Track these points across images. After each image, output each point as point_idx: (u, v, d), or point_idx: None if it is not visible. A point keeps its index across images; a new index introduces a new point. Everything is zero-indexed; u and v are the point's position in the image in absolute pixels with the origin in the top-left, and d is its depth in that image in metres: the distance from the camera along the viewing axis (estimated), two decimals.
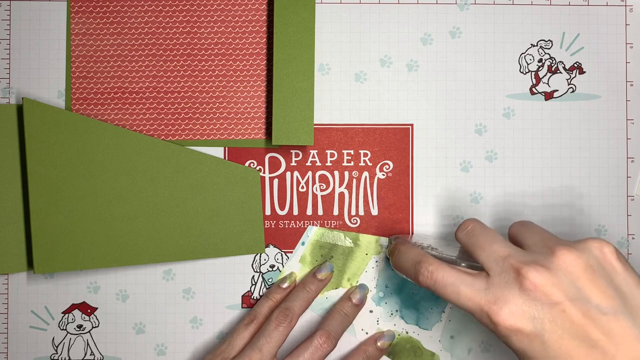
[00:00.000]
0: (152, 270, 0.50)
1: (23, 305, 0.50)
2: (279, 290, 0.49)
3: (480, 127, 0.51)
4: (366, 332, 0.50)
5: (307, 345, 0.45)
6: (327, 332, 0.46)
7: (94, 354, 0.50)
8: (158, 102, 0.50)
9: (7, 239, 0.49)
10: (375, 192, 0.51)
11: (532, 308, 0.36)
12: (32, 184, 0.48)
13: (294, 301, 0.47)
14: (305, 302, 0.48)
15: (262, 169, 0.51)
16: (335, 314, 0.48)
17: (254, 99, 0.51)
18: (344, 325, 0.48)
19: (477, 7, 0.51)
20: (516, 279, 0.37)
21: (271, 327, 0.45)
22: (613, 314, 0.35)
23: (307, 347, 0.45)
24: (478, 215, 0.50)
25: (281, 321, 0.46)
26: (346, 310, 0.48)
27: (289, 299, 0.48)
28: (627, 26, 0.51)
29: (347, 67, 0.51)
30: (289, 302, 0.47)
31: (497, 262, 0.38)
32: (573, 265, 0.36)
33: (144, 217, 0.49)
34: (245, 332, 0.47)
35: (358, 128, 0.51)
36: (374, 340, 0.49)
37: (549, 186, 0.51)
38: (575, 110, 0.51)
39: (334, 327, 0.47)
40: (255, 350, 0.45)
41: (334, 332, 0.46)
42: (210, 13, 0.51)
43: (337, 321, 0.47)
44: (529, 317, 0.36)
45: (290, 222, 0.51)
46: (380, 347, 0.49)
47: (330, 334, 0.46)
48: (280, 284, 0.49)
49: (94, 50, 0.50)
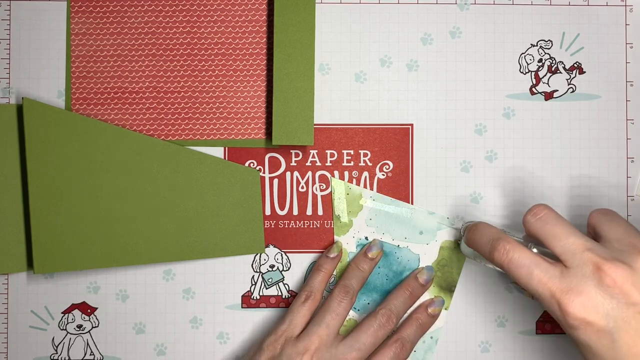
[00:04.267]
0: (152, 270, 0.50)
1: (23, 305, 0.50)
2: (328, 260, 0.49)
3: (480, 127, 0.51)
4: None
5: (371, 322, 0.45)
6: (390, 311, 0.46)
7: (94, 354, 0.50)
8: (158, 102, 0.50)
9: (7, 239, 0.49)
10: (375, 192, 0.51)
11: (607, 304, 0.35)
12: (32, 184, 0.48)
13: (351, 279, 0.47)
14: (361, 280, 0.48)
15: (262, 169, 0.51)
16: (399, 292, 0.48)
17: (254, 99, 0.51)
18: (407, 305, 0.48)
19: (477, 7, 0.51)
20: (595, 273, 0.36)
21: (334, 303, 0.46)
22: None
23: (371, 325, 0.45)
24: (478, 216, 0.50)
25: (343, 297, 0.46)
26: (412, 289, 0.48)
27: (345, 277, 0.48)
28: (627, 26, 0.51)
29: (347, 67, 0.51)
30: (347, 280, 0.47)
31: (574, 255, 0.37)
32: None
33: (143, 217, 0.49)
34: (303, 309, 0.46)
35: (358, 128, 0.51)
36: (425, 307, 0.49)
37: (549, 186, 0.51)
38: (575, 110, 0.51)
39: (397, 306, 0.47)
40: (323, 326, 0.45)
41: (395, 311, 0.46)
42: (210, 13, 0.51)
43: (400, 301, 0.47)
44: (603, 312, 0.35)
45: (290, 222, 0.51)
46: (431, 313, 0.48)
47: (392, 314, 0.46)
48: (328, 254, 0.49)
49: (94, 50, 0.50)
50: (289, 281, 0.51)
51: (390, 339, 0.46)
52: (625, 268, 0.36)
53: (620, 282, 0.35)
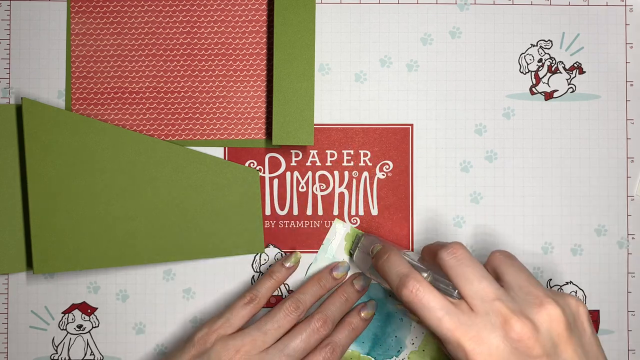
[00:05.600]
0: (152, 270, 0.50)
1: (23, 305, 0.50)
2: (282, 269, 0.49)
3: (480, 127, 0.51)
4: None
5: (304, 327, 0.45)
6: (325, 316, 0.46)
7: (94, 354, 0.50)
8: (158, 102, 0.50)
9: (7, 239, 0.49)
10: (375, 192, 0.51)
11: (511, 356, 0.38)
12: (31, 184, 0.48)
13: (306, 294, 0.47)
14: (316, 296, 0.48)
15: (262, 169, 0.51)
16: (335, 298, 0.48)
17: (254, 99, 0.51)
18: (343, 311, 0.48)
19: (477, 7, 0.51)
20: (502, 325, 0.38)
21: (281, 315, 0.45)
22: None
23: (304, 330, 0.45)
24: (478, 216, 0.51)
25: (292, 311, 0.46)
26: (347, 295, 0.48)
27: (301, 291, 0.47)
28: (627, 26, 0.51)
29: (347, 67, 0.51)
30: (302, 294, 0.47)
31: (483, 301, 0.39)
32: (557, 321, 0.38)
33: (143, 217, 0.49)
34: (244, 311, 0.46)
35: (358, 128, 0.51)
36: (358, 311, 0.49)
37: (549, 186, 0.51)
38: (575, 110, 0.51)
39: (333, 311, 0.47)
40: (261, 332, 0.45)
41: (331, 316, 0.46)
42: (210, 13, 0.51)
43: (336, 306, 0.47)
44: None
45: (290, 222, 0.51)
46: (364, 317, 0.48)
47: (327, 319, 0.46)
48: (284, 262, 0.49)
49: (94, 50, 0.50)
50: (289, 281, 0.50)
51: (322, 343, 0.46)
52: (529, 324, 0.38)
53: (525, 337, 0.38)
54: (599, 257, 0.51)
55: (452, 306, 0.39)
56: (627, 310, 0.51)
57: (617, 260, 0.51)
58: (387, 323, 0.50)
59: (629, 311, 0.51)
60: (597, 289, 0.51)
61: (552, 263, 0.51)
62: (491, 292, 0.39)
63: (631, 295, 0.51)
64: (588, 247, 0.51)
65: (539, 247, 0.51)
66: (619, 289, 0.51)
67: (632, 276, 0.51)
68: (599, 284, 0.51)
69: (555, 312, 0.38)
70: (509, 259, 0.42)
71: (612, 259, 0.51)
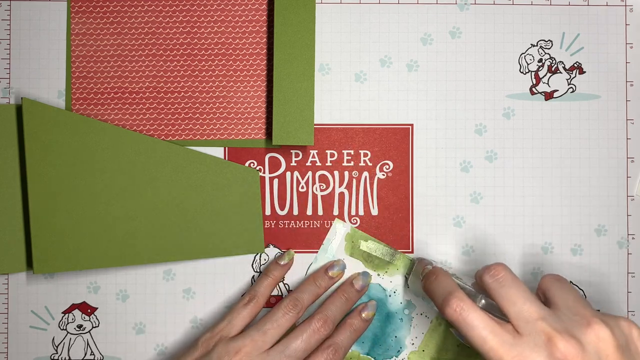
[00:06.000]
0: (152, 270, 0.50)
1: (23, 305, 0.50)
2: (278, 267, 0.49)
3: (480, 127, 0.51)
4: None
5: (305, 328, 0.46)
6: (325, 316, 0.46)
7: (94, 354, 0.50)
8: (158, 102, 0.50)
9: (7, 239, 0.49)
10: (375, 192, 0.51)
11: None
12: (31, 184, 0.48)
13: (304, 293, 0.47)
14: (314, 295, 0.48)
15: (262, 169, 0.51)
16: (335, 298, 0.48)
17: (254, 99, 0.51)
18: (343, 311, 0.48)
19: (477, 7, 0.51)
20: (547, 345, 0.37)
21: (279, 314, 0.46)
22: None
23: (305, 330, 0.45)
24: (478, 216, 0.51)
25: (290, 310, 0.46)
26: (347, 295, 0.48)
27: (299, 290, 0.48)
28: (627, 26, 0.51)
29: (347, 67, 0.51)
30: (299, 293, 0.47)
31: (527, 322, 0.38)
32: (605, 342, 0.37)
33: (143, 217, 0.49)
34: (244, 311, 0.47)
35: (358, 128, 0.51)
36: (359, 312, 0.49)
37: (549, 186, 0.51)
38: (575, 110, 0.51)
39: (333, 311, 0.47)
40: (261, 333, 0.45)
41: (332, 317, 0.46)
42: (210, 13, 0.51)
43: (337, 306, 0.47)
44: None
45: (290, 222, 0.51)
46: (365, 317, 0.48)
47: (328, 319, 0.46)
48: (279, 260, 0.49)
49: (94, 50, 0.50)
50: (289, 282, 0.51)
51: (323, 344, 0.46)
52: (575, 343, 0.37)
53: (570, 356, 0.37)
54: (599, 257, 0.51)
55: (497, 326, 0.39)
56: (627, 310, 0.51)
57: (617, 260, 0.51)
58: (387, 323, 0.50)
59: (629, 311, 0.51)
60: (597, 289, 0.51)
61: (552, 263, 0.51)
62: (534, 312, 0.38)
63: (631, 295, 0.51)
64: (588, 247, 0.51)
65: (539, 247, 0.51)
66: (619, 289, 0.51)
67: (632, 276, 0.51)
68: (599, 284, 0.51)
69: (604, 333, 0.37)
70: (558, 282, 0.42)
71: (612, 259, 0.51)
